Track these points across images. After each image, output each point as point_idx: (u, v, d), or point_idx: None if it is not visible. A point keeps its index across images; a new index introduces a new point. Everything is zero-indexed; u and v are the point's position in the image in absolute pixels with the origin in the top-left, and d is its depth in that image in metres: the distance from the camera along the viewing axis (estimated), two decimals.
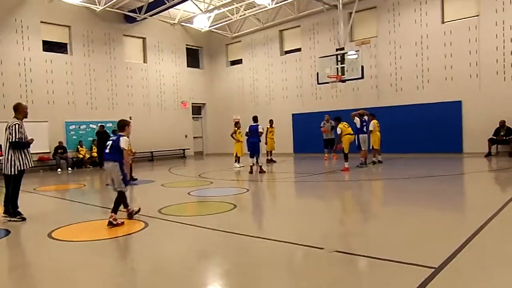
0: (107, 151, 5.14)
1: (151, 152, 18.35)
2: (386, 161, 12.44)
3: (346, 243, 4.06)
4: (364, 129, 11.22)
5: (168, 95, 19.62)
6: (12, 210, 5.62)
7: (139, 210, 5.46)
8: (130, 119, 16.28)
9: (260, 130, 10.69)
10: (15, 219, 5.59)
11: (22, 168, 5.59)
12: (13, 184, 5.55)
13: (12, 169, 5.48)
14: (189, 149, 20.08)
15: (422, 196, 6.43)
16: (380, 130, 11.88)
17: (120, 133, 5.22)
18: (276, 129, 15.33)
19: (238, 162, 12.79)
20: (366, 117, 11.11)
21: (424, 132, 14.39)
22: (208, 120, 21.70)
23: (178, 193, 8.00)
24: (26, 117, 5.67)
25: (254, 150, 10.74)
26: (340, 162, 12.47)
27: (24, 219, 5.63)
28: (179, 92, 20.17)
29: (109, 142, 5.20)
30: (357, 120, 10.99)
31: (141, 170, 13.88)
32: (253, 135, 10.76)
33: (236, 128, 12.80)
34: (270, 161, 14.03)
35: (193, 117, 21.00)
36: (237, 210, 5.90)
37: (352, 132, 10.65)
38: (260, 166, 10.83)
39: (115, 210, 5.09)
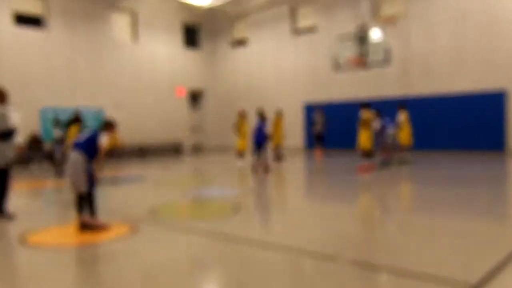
0: (80, 140, 5.04)
1: (141, 146, 18.40)
2: (415, 159, 12.54)
3: (366, 253, 4.08)
4: (388, 122, 11.35)
5: (163, 79, 19.76)
6: None
7: (98, 227, 5.02)
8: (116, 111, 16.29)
9: (267, 131, 10.96)
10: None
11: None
12: None
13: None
14: (186, 142, 20.29)
15: (458, 202, 6.44)
16: (410, 124, 11.94)
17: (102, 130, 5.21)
18: (285, 120, 15.55)
19: (242, 158, 12.82)
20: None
21: (460, 125, 14.39)
22: (208, 109, 21.85)
23: (172, 193, 8.08)
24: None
25: (259, 146, 11.00)
26: (348, 159, 12.40)
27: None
28: (175, 76, 20.30)
29: (86, 133, 5.17)
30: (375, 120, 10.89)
31: (130, 165, 13.99)
32: (258, 134, 11.01)
33: (239, 120, 12.73)
34: (278, 157, 14.08)
35: (191, 105, 21.16)
36: (238, 213, 5.99)
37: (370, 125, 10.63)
38: (266, 164, 11.00)
39: (91, 211, 5.10)
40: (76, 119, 10.57)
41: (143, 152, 18.31)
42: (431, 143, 14.72)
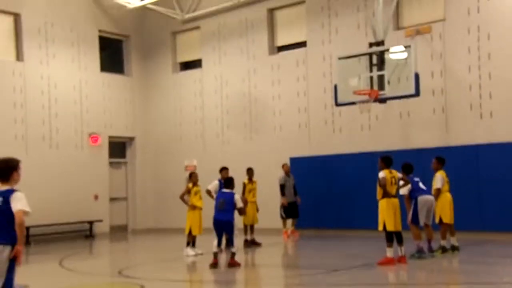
0: None
1: (27, 228, 17.14)
2: (465, 247, 12.26)
3: None
4: (421, 186, 11.45)
5: (65, 121, 19.36)
6: None
7: None
8: None
9: (239, 203, 11.28)
10: None
11: None
12: None
13: None
14: (101, 221, 19.87)
15: None
16: (451, 190, 11.91)
17: (3, 187, 5.54)
18: (260, 185, 15.38)
19: (193, 245, 13.12)
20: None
21: None
22: (138, 167, 21.64)
23: None
24: None
25: (223, 229, 11.28)
26: (336, 244, 12.99)
27: None
28: (86, 116, 20.01)
29: None
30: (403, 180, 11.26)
31: None
32: (224, 209, 11.23)
33: (190, 184, 13.12)
34: (251, 243, 14.42)
35: (110, 162, 20.99)
36: None
37: (394, 192, 10.80)
38: (233, 254, 11.14)
39: None
40: None
41: (28, 238, 17.45)
42: (489, 219, 14.28)
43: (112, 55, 21.29)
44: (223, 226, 11.21)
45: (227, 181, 11.67)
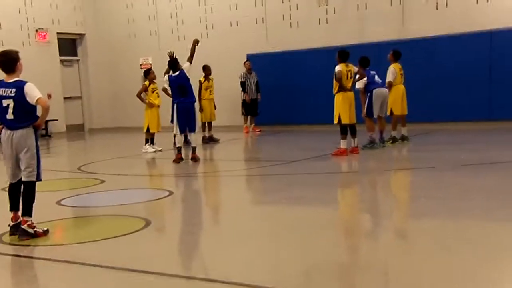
0: (8, 116, 5.63)
1: None
2: (415, 137, 12.84)
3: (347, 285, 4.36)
4: (377, 80, 11.56)
5: (8, 15, 18.97)
6: None
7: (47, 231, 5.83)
8: None
9: (188, 76, 11.10)
10: None
11: None
12: None
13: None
14: (57, 120, 19.94)
15: (479, 202, 6.60)
16: (405, 82, 12.14)
17: (11, 78, 5.66)
18: (217, 82, 15.49)
19: (152, 143, 13.30)
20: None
21: (486, 85, 14.50)
22: (91, 65, 21.59)
23: (37, 203, 7.54)
24: None
25: (188, 119, 11.14)
26: (293, 139, 13.34)
27: None
28: (31, 11, 19.63)
29: (5, 99, 5.65)
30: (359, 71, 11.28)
31: None
32: (181, 92, 11.10)
33: (147, 82, 13.32)
34: (209, 139, 14.62)
35: (62, 61, 20.86)
36: (149, 230, 6.13)
37: (349, 87, 10.92)
38: (193, 149, 11.30)
39: (27, 211, 5.62)
40: None
41: None
42: (438, 111, 14.88)
43: None
44: (187, 110, 11.03)
45: (171, 64, 11.20)
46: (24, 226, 5.54)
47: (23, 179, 5.66)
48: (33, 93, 5.61)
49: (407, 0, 15.27)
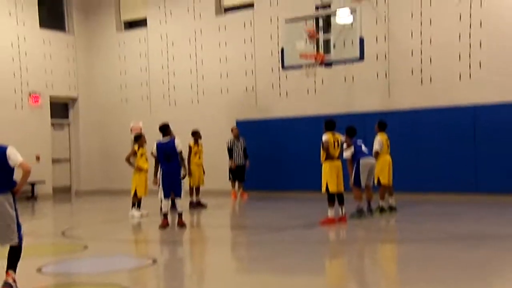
0: None
1: None
2: (402, 207, 12.71)
3: None
4: (364, 150, 11.69)
5: (2, 79, 18.91)
6: None
7: None
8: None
9: (179, 147, 11.18)
10: None
11: None
12: None
13: None
14: (44, 182, 19.58)
15: (469, 275, 6.62)
16: (391, 152, 12.31)
17: None
18: (207, 147, 15.58)
19: (139, 207, 13.05)
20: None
21: (472, 159, 14.53)
22: (82, 128, 21.43)
23: (17, 269, 7.34)
24: None
25: (173, 185, 11.15)
26: (281, 206, 13.23)
27: None
28: (25, 75, 19.62)
29: None
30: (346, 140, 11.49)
31: None
32: (167, 158, 11.13)
33: (136, 146, 13.27)
34: (197, 204, 14.50)
35: (52, 123, 20.73)
36: None
37: (337, 155, 11.05)
38: (180, 215, 11.16)
39: (12, 266, 5.75)
40: None
41: None
42: (426, 181, 14.87)
43: (51, 10, 20.64)
44: (172, 176, 11.03)
45: (162, 129, 11.34)
46: (9, 278, 5.64)
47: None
48: (16, 157, 5.66)
49: (392, 73, 15.51)
